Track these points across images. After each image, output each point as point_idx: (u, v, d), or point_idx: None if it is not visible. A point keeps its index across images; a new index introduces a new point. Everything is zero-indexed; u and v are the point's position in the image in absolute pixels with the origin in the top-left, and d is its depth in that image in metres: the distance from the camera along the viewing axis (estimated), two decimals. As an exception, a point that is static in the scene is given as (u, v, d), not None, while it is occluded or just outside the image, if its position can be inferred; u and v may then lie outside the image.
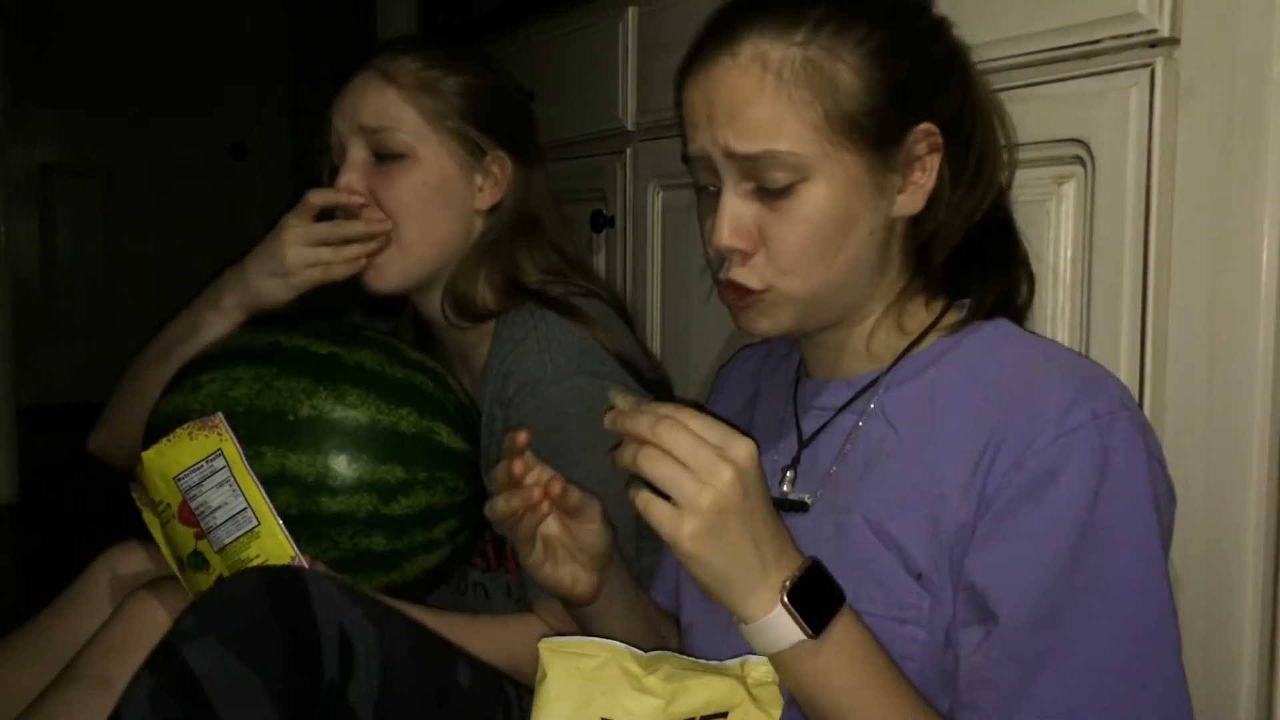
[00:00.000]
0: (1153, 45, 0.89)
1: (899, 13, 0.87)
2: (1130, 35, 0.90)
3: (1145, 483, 0.77)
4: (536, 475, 0.88)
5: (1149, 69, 0.88)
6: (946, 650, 0.81)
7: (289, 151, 4.53)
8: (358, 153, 1.26)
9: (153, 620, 1.12)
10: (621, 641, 0.83)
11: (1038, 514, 0.77)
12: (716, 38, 0.85)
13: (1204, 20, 0.85)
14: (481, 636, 1.12)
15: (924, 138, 0.85)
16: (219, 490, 1.11)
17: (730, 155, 0.83)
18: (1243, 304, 0.82)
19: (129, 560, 1.33)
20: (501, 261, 1.28)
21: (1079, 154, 0.94)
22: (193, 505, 1.11)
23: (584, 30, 1.81)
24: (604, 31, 1.73)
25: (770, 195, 0.83)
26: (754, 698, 0.80)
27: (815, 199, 0.83)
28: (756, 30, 0.83)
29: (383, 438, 1.16)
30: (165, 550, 1.19)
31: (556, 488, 0.88)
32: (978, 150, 0.89)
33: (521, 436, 0.87)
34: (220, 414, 1.14)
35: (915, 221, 0.89)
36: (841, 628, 0.77)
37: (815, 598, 0.77)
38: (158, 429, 1.18)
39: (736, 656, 0.92)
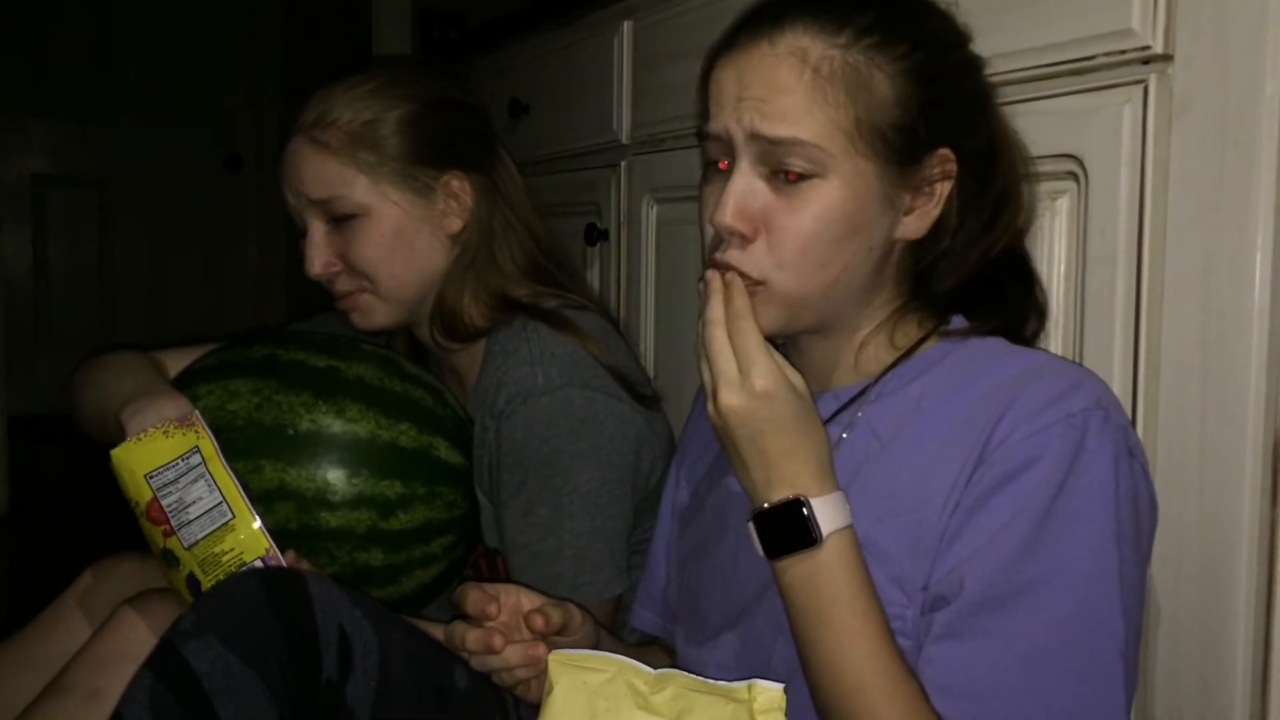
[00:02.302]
0: (1146, 62, 0.89)
1: (943, 42, 0.87)
2: (1124, 52, 0.90)
3: (1111, 482, 0.78)
4: (513, 604, 0.92)
5: (1142, 85, 0.89)
6: None
7: (284, 165, 4.52)
8: (317, 227, 1.27)
9: (143, 632, 1.11)
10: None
11: (1003, 502, 0.78)
12: (757, 24, 0.85)
13: (1197, 37, 0.85)
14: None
15: (940, 163, 0.86)
16: (194, 486, 1.09)
17: (754, 137, 0.83)
18: (1235, 319, 0.83)
19: (118, 572, 1.32)
20: (485, 275, 1.28)
21: (1072, 169, 0.95)
22: (164, 502, 1.10)
23: (579, 44, 1.81)
24: (599, 45, 1.73)
25: (783, 185, 0.83)
26: None
27: (827, 197, 0.83)
28: (801, 25, 0.83)
29: (382, 453, 1.15)
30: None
31: (538, 622, 0.90)
32: (999, 189, 0.89)
33: (472, 593, 0.92)
34: (197, 411, 1.14)
35: (916, 247, 0.89)
36: (800, 570, 0.80)
37: (783, 530, 0.81)
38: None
39: (718, 665, 0.91)
